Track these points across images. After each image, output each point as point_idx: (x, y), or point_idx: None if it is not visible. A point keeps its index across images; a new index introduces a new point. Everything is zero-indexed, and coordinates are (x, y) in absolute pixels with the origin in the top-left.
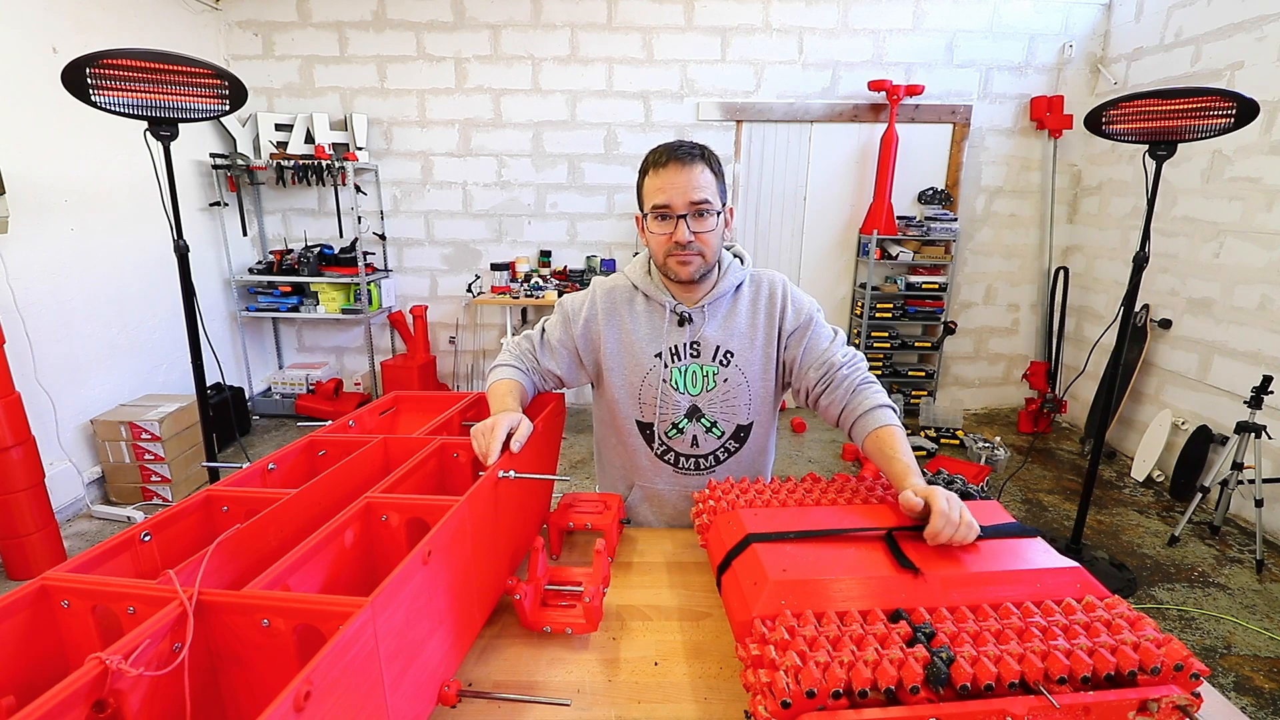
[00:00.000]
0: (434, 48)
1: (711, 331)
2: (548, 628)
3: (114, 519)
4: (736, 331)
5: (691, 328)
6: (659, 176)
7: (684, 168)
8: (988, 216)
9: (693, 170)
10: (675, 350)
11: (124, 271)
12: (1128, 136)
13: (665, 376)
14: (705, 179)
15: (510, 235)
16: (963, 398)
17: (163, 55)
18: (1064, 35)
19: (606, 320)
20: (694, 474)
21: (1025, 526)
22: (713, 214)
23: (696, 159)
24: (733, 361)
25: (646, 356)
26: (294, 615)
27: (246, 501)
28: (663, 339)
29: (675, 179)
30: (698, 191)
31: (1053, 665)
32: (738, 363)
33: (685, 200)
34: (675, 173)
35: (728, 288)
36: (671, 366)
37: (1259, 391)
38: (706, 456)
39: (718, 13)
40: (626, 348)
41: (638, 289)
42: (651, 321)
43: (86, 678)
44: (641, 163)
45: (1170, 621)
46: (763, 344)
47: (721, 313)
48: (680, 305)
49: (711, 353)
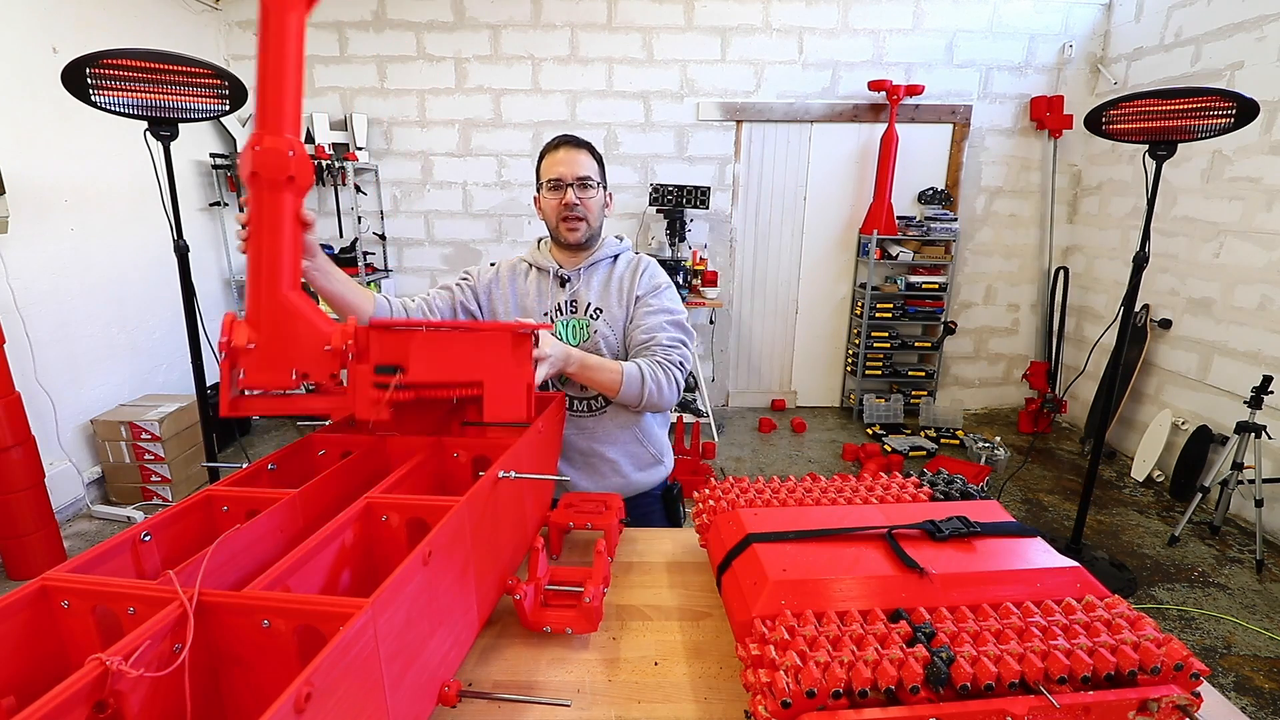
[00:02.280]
0: (434, 48)
1: (586, 290)
2: (548, 628)
3: (114, 519)
4: (608, 292)
5: (570, 286)
6: (552, 157)
7: (572, 150)
8: (988, 216)
9: (579, 153)
10: (559, 307)
11: (124, 271)
12: (1128, 136)
13: (551, 329)
14: (589, 162)
15: (510, 235)
16: (963, 398)
17: (163, 55)
18: (1064, 35)
19: (508, 284)
20: (587, 415)
21: (1025, 526)
22: (594, 187)
23: (582, 146)
24: (601, 316)
25: (537, 314)
26: (294, 616)
27: (246, 501)
28: (548, 299)
29: (566, 158)
30: (582, 169)
31: (1053, 665)
32: (605, 318)
33: (573, 174)
34: (566, 153)
35: (604, 255)
36: (556, 320)
37: (1259, 391)
38: (595, 398)
39: (718, 13)
40: (522, 309)
41: (530, 264)
42: (539, 286)
43: (87, 678)
44: (539, 152)
45: (1170, 621)
46: (625, 304)
47: (598, 275)
48: (562, 270)
49: (584, 308)
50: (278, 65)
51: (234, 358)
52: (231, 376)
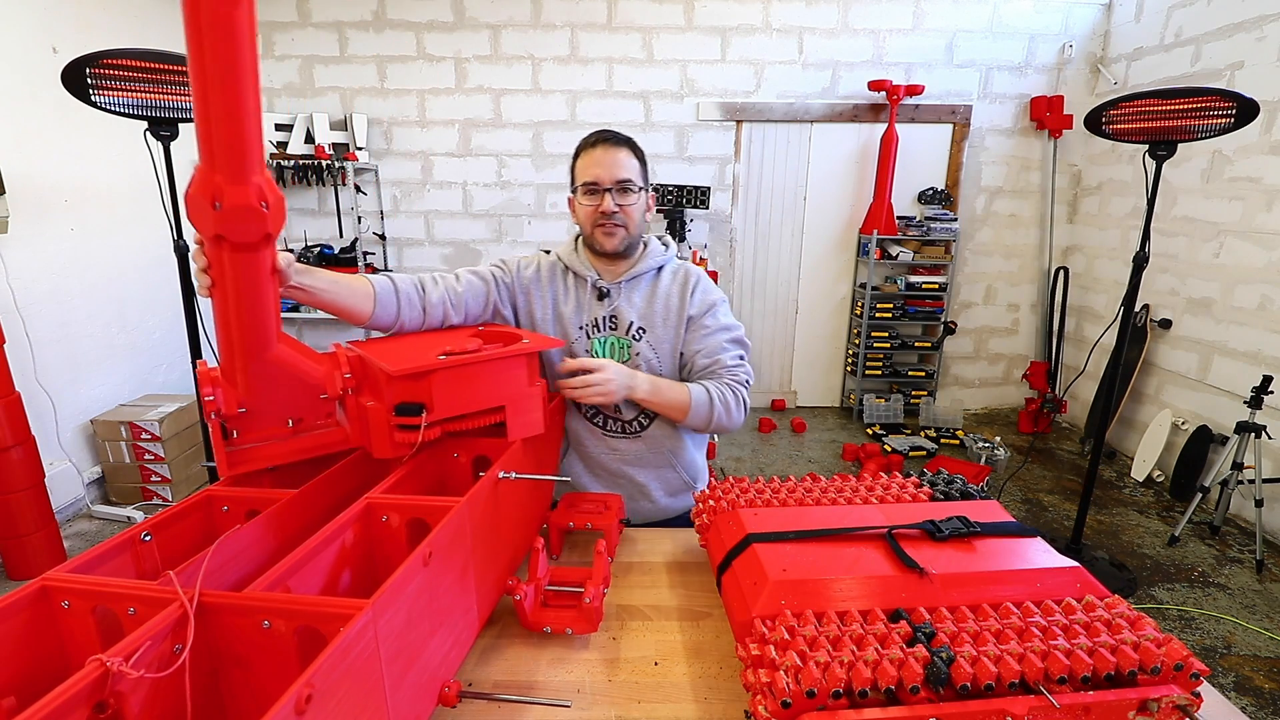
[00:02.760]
0: (434, 48)
1: (628, 306)
2: (548, 628)
3: (114, 519)
4: (652, 310)
5: (609, 301)
6: (589, 156)
7: (610, 149)
8: (988, 216)
9: (618, 152)
10: (595, 323)
11: (124, 271)
12: (1128, 136)
13: (586, 347)
14: (629, 162)
15: (510, 235)
16: (963, 398)
17: (163, 55)
18: (1064, 35)
19: (547, 285)
20: (621, 437)
21: (1025, 526)
22: (635, 191)
23: (622, 144)
24: (644, 338)
25: (573, 328)
26: (295, 617)
27: (246, 501)
28: (585, 312)
29: (603, 159)
30: (623, 171)
31: (1053, 665)
32: (649, 339)
33: (611, 177)
34: (603, 153)
35: (648, 267)
36: (593, 338)
37: (1259, 391)
38: (631, 422)
39: (718, 13)
40: (558, 317)
41: (567, 267)
42: (577, 296)
43: (87, 679)
44: (575, 148)
45: (1170, 621)
46: (674, 325)
47: (640, 291)
48: (601, 280)
49: (626, 326)
50: (232, 82)
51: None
52: (224, 436)
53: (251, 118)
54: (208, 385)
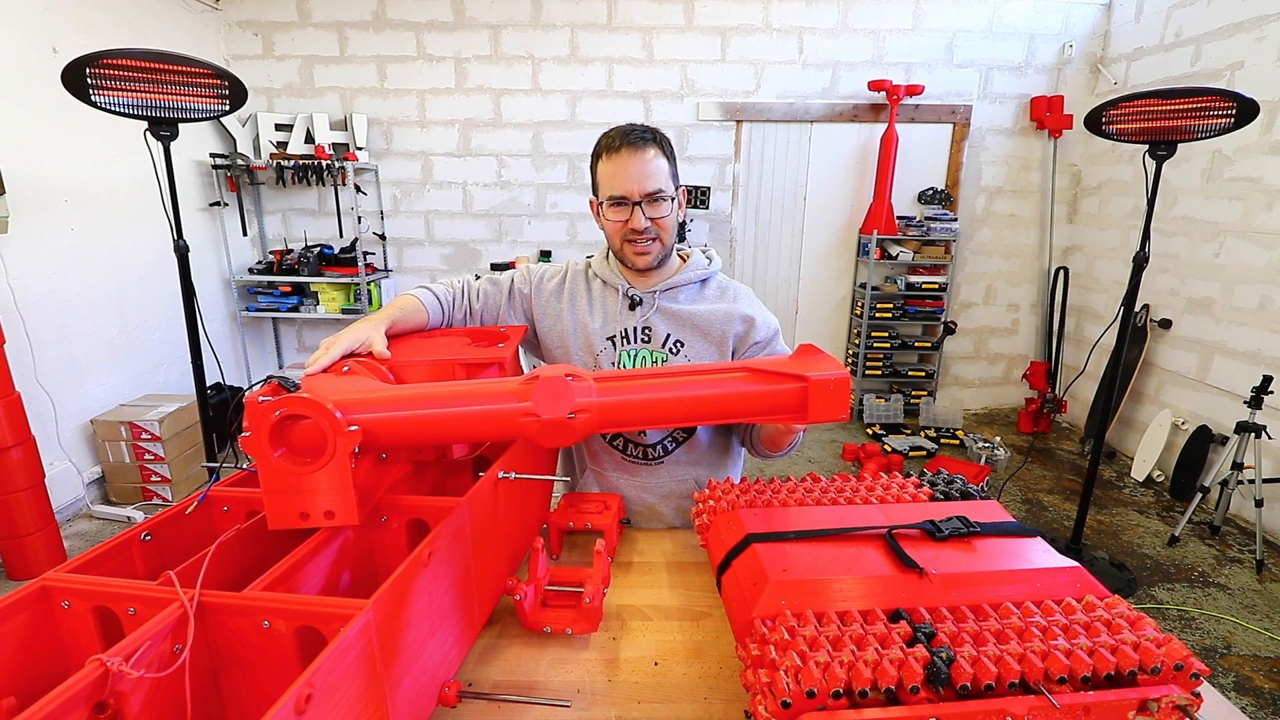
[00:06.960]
0: (434, 48)
1: (664, 318)
2: (548, 628)
3: (114, 519)
4: (693, 324)
5: (642, 310)
6: (612, 162)
7: (636, 153)
8: (988, 216)
9: (645, 156)
10: (626, 334)
11: (124, 271)
12: (1128, 136)
13: (614, 359)
14: (658, 165)
15: (510, 235)
16: (963, 398)
17: (163, 55)
18: (1064, 35)
19: (570, 299)
20: (642, 464)
21: (1025, 526)
22: (668, 200)
23: (649, 143)
24: (682, 351)
25: (599, 339)
26: (295, 617)
27: (246, 501)
28: (615, 322)
29: (629, 167)
30: (652, 181)
31: (1053, 665)
32: (687, 353)
33: (640, 190)
34: (629, 159)
35: (687, 279)
36: (621, 350)
37: (1259, 391)
38: (654, 447)
39: (718, 13)
40: (582, 329)
41: (596, 275)
42: (605, 305)
43: (87, 679)
44: (594, 146)
45: (1170, 621)
46: (717, 341)
47: (679, 302)
48: (633, 289)
49: (662, 339)
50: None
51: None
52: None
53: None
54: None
